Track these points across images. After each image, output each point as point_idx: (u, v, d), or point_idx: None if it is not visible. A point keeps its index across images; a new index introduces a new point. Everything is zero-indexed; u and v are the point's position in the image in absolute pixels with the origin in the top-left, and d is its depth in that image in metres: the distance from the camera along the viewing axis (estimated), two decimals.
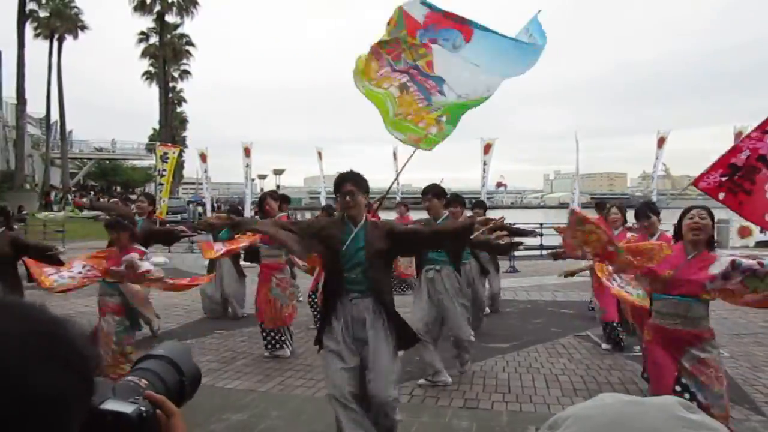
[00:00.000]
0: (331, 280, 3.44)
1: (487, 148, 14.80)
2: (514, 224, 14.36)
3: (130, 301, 4.53)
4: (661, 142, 15.89)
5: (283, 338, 5.87)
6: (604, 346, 5.99)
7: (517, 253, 13.57)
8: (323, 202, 13.82)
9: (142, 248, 4.68)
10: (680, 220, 3.34)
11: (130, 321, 4.57)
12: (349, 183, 3.37)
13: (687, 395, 3.05)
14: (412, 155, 5.17)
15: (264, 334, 5.90)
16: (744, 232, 15.34)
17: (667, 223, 4.58)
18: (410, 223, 7.07)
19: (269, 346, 5.83)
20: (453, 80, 4.97)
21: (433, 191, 5.11)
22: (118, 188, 38.22)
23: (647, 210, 4.87)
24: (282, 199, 9.24)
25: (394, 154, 16.01)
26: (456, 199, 5.95)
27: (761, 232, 15.17)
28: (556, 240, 14.58)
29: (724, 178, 4.50)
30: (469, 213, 7.24)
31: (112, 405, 0.74)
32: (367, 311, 3.29)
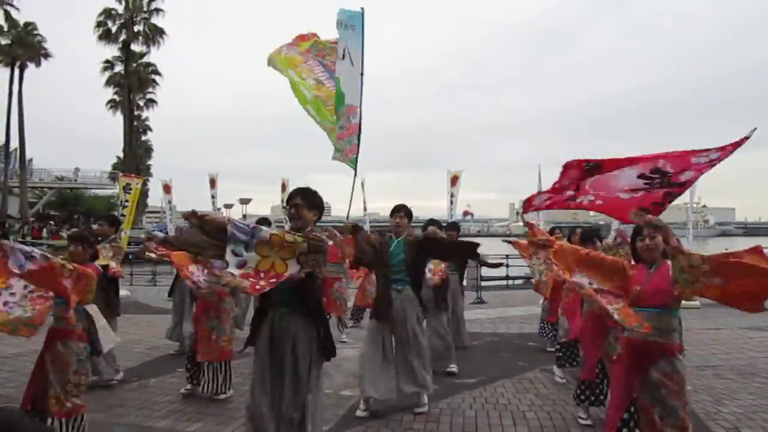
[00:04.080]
0: None
1: (454, 180, 14.94)
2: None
3: (97, 324, 4.14)
4: None
5: (223, 376, 5.45)
6: (558, 376, 6.05)
7: (483, 284, 13.67)
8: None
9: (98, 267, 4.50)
10: (633, 241, 3.52)
11: (92, 348, 4.19)
12: (298, 197, 3.64)
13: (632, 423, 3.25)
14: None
15: (194, 369, 5.53)
16: None
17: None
18: None
19: (210, 387, 5.43)
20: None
21: (405, 210, 5.41)
22: (81, 217, 37.22)
23: (593, 236, 5.33)
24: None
25: (362, 185, 16.02)
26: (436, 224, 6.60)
27: None
28: (522, 270, 14.74)
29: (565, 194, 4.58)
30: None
31: None
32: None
